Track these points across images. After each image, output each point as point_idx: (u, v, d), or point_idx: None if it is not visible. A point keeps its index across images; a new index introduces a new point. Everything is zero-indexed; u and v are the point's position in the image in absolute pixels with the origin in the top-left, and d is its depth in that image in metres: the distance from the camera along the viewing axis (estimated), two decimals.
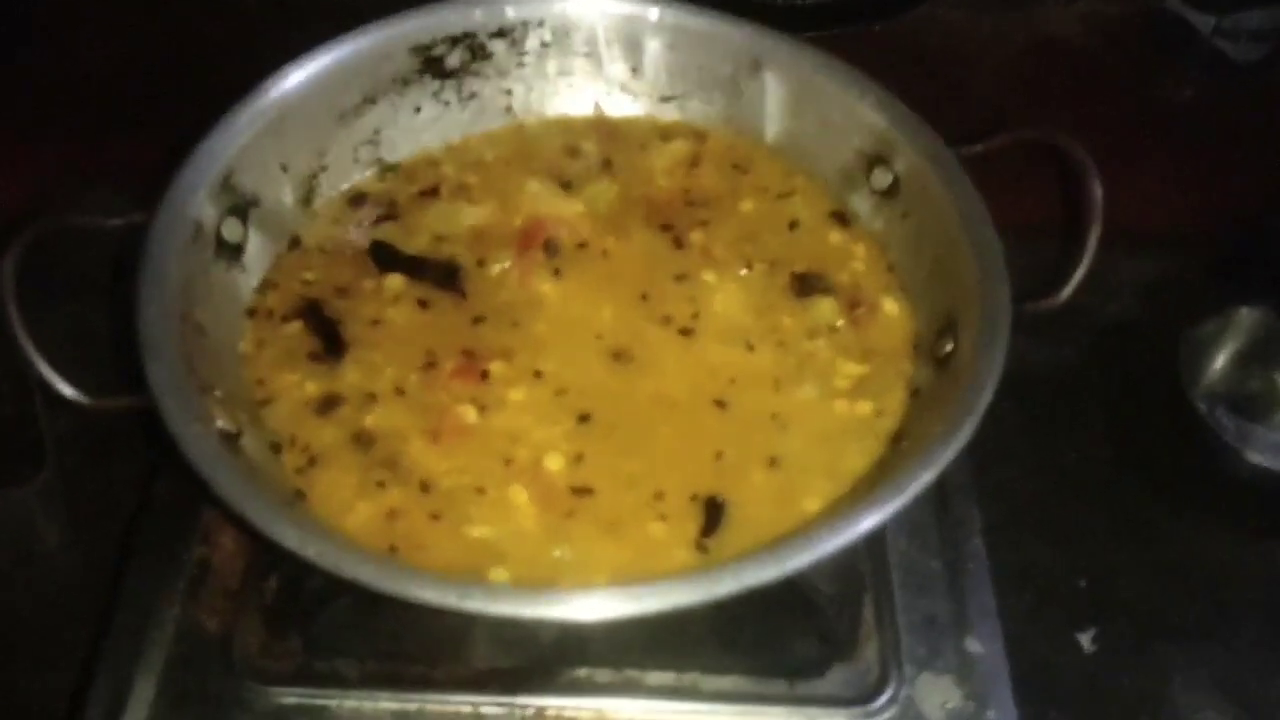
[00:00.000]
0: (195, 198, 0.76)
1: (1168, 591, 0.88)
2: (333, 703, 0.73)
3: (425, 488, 0.72)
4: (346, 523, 0.70)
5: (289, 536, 0.62)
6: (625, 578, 0.68)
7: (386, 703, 0.73)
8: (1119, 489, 0.94)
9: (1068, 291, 0.75)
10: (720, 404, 0.77)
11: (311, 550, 0.62)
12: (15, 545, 0.89)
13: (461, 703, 0.73)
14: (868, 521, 0.63)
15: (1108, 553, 0.89)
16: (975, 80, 1.27)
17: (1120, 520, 0.92)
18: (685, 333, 0.80)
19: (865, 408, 0.77)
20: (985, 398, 0.67)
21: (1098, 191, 0.75)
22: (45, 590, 0.87)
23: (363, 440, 0.74)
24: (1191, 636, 0.85)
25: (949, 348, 0.75)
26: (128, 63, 1.25)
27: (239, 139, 0.80)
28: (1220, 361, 0.97)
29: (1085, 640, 0.85)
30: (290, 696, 0.73)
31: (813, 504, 0.72)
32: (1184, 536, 0.91)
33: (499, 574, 0.68)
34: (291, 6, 1.24)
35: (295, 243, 0.85)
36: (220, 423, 0.69)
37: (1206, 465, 0.93)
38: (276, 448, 0.73)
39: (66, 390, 0.69)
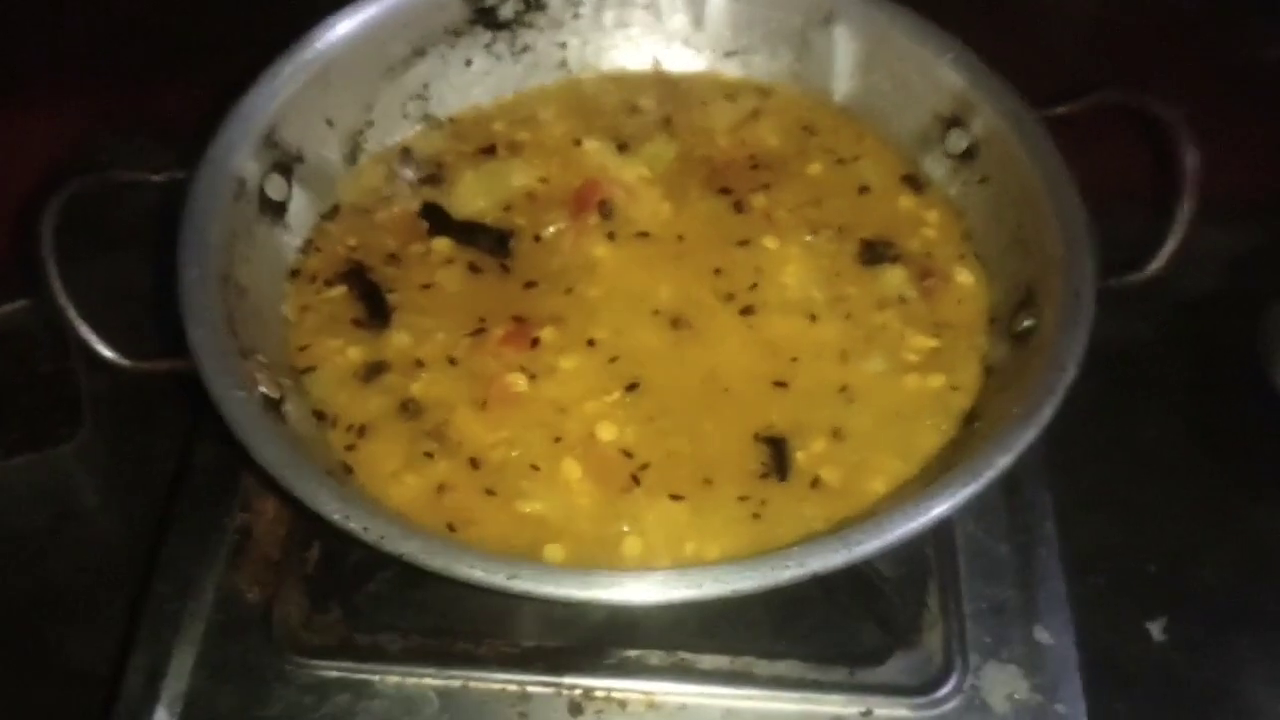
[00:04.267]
0: (238, 153, 0.74)
1: (1243, 579, 0.84)
2: (375, 678, 0.72)
3: (475, 463, 0.69)
4: (393, 495, 0.68)
5: (332, 508, 0.60)
6: (683, 557, 0.66)
7: (430, 679, 0.71)
8: (1194, 471, 0.90)
9: (1156, 266, 0.71)
10: (781, 379, 0.73)
11: (355, 524, 0.59)
12: (54, 505, 0.88)
13: (507, 681, 0.71)
14: (939, 508, 0.60)
15: (1181, 537, 0.86)
16: (1057, 31, 1.21)
17: (1194, 504, 0.88)
18: (745, 305, 0.77)
19: (937, 381, 0.73)
20: (1066, 379, 0.64)
21: (1192, 160, 0.71)
22: (84, 549, 0.87)
23: (410, 409, 0.71)
24: (1266, 627, 0.82)
25: (1027, 323, 0.72)
26: (172, 9, 1.22)
27: (283, 92, 0.77)
28: None
29: (1156, 629, 0.82)
30: (331, 670, 0.72)
31: (880, 484, 0.69)
32: (1261, 522, 0.88)
33: (554, 551, 0.66)
34: None
35: (340, 203, 0.82)
36: (263, 388, 0.67)
37: None
38: (320, 416, 0.71)
39: (105, 352, 0.67)
